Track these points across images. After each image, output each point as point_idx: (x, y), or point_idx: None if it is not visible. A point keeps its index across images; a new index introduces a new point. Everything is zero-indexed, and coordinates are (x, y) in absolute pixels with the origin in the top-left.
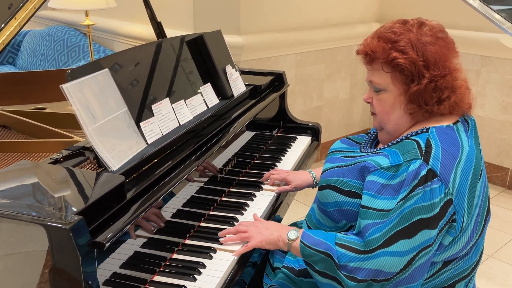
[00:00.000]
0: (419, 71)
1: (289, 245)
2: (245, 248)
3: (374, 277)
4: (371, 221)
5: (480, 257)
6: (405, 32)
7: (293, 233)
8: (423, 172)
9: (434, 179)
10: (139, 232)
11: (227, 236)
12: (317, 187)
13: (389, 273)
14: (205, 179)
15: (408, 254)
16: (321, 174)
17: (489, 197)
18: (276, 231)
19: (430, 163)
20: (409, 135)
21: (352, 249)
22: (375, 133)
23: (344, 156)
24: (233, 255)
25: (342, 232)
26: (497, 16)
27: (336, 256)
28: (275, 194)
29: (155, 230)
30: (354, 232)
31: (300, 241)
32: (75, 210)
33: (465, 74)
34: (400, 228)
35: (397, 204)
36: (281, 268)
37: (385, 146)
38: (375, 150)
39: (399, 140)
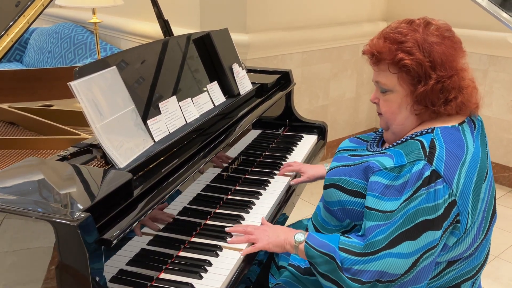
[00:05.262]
0: (425, 72)
1: (296, 247)
2: (252, 248)
3: (379, 278)
4: (375, 222)
5: (486, 258)
6: (411, 33)
7: (300, 236)
8: (427, 173)
9: (438, 180)
10: (146, 229)
11: (234, 236)
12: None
13: (394, 275)
14: (211, 177)
15: (413, 255)
16: (327, 172)
17: (495, 198)
18: (283, 234)
19: (434, 164)
20: (413, 135)
21: (355, 253)
22: (382, 132)
23: (350, 155)
24: (240, 254)
25: (346, 234)
26: (505, 15)
27: (339, 259)
28: (287, 184)
29: (162, 228)
30: (360, 233)
31: (305, 241)
32: (82, 207)
33: (472, 74)
34: (404, 229)
35: (400, 205)
36: (287, 267)
37: (390, 146)
38: (380, 149)
39: (404, 140)
